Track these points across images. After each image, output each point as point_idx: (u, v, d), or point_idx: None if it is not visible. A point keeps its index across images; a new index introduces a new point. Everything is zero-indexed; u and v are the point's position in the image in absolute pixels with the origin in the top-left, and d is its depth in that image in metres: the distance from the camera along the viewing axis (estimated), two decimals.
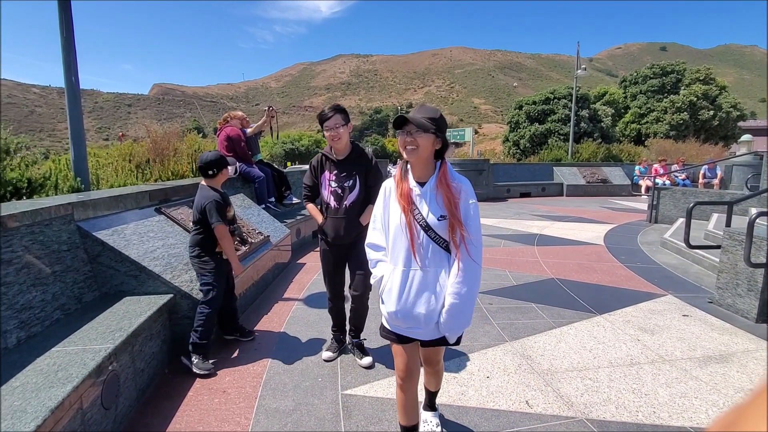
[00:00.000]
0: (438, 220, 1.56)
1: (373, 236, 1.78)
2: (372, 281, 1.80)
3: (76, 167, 3.72)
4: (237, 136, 5.40)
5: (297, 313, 3.74)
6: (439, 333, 1.65)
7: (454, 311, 1.57)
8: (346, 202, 2.63)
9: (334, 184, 2.64)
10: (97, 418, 1.91)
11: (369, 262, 1.80)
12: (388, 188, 1.72)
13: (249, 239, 3.98)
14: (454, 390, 2.47)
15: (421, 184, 1.62)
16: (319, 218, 2.76)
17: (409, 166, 1.65)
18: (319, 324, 3.48)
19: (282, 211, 6.03)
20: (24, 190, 3.48)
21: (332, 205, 2.68)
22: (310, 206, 2.81)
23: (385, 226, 1.71)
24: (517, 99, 29.20)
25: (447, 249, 1.61)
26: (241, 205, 4.80)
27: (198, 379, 2.61)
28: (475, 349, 3.00)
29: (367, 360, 2.77)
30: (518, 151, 25.84)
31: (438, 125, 1.58)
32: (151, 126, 6.83)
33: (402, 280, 1.62)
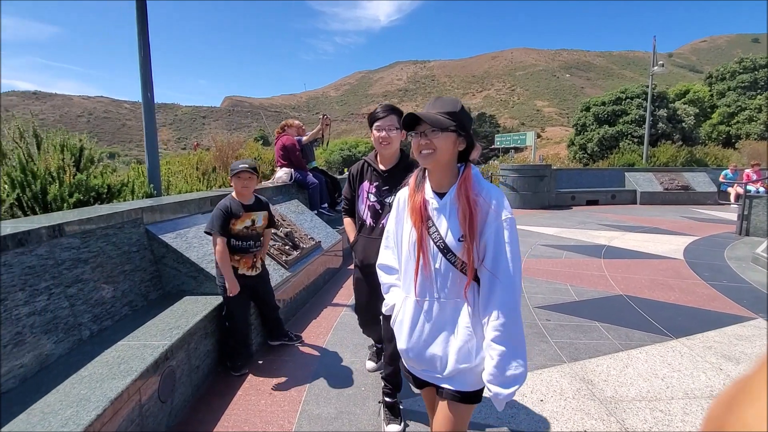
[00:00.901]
0: (458, 241, 1.25)
1: (384, 256, 1.51)
2: (384, 309, 1.51)
3: (150, 175, 4.09)
4: (292, 145, 5.61)
5: (345, 319, 3.76)
6: (462, 384, 1.30)
7: (501, 363, 1.21)
8: (384, 222, 2.14)
9: (372, 198, 2.27)
10: (154, 410, 2.04)
11: (381, 286, 1.54)
12: (402, 199, 1.42)
13: (301, 244, 4.09)
14: (503, 411, 2.32)
15: (441, 195, 1.31)
16: (352, 236, 2.41)
17: (426, 173, 1.37)
18: None
19: (335, 217, 6.15)
20: (104, 195, 3.89)
21: (368, 223, 2.30)
22: (347, 221, 2.48)
23: (398, 244, 1.43)
24: (585, 100, 27.46)
25: (474, 277, 1.28)
26: (295, 211, 4.96)
27: (247, 379, 2.70)
28: (528, 368, 2.80)
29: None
30: (585, 155, 24.26)
31: (459, 120, 1.27)
32: (216, 136, 7.33)
33: (414, 313, 1.33)
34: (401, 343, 1.37)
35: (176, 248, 2.94)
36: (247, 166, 2.75)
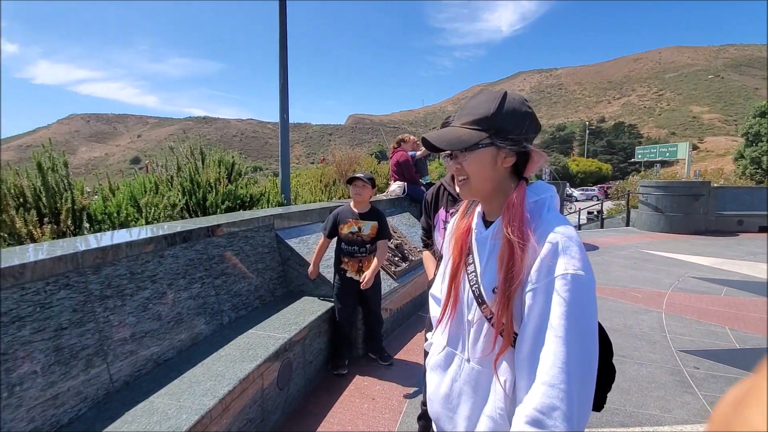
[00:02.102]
0: (492, 291, 0.90)
1: (437, 284, 1.16)
2: (425, 345, 1.24)
3: (282, 186, 4.67)
4: (405, 160, 5.78)
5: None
6: None
7: None
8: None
9: None
10: (273, 395, 2.28)
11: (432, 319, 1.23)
12: (453, 221, 1.11)
13: (410, 256, 4.17)
14: None
15: (489, 223, 0.97)
16: (431, 273, 1.99)
17: None
18: None
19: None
20: (247, 203, 4.58)
21: None
22: (426, 255, 2.09)
23: (442, 274, 1.11)
24: (759, 104, 22.38)
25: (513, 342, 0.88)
26: (406, 224, 5.09)
27: (353, 381, 2.84)
28: (665, 421, 2.36)
29: None
30: (758, 170, 19.71)
31: (497, 126, 0.88)
32: (336, 151, 7.99)
33: (442, 366, 1.01)
34: (428, 389, 1.08)
35: (299, 252, 3.27)
36: (361, 175, 2.96)
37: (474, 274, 0.95)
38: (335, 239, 3.03)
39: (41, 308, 1.60)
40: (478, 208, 1.01)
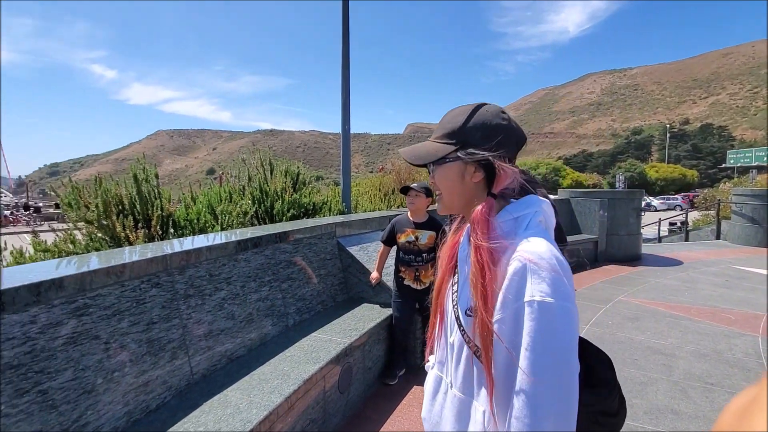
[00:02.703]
0: (466, 314, 0.84)
1: None
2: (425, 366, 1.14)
3: (343, 195, 4.82)
4: None
5: None
6: None
7: None
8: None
9: None
10: (334, 398, 2.35)
11: None
12: (446, 236, 1.04)
13: None
14: None
15: None
16: None
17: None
18: None
19: None
20: (310, 211, 4.79)
21: None
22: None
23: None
24: None
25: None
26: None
27: (411, 390, 2.83)
28: None
29: None
30: None
31: (464, 139, 0.85)
32: (395, 160, 8.06)
33: (432, 390, 0.97)
34: (422, 413, 1.03)
35: (359, 260, 3.35)
36: (415, 185, 2.99)
37: (456, 293, 0.89)
38: (395, 248, 3.07)
39: (137, 304, 1.81)
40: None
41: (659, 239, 12.18)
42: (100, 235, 3.82)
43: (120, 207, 3.86)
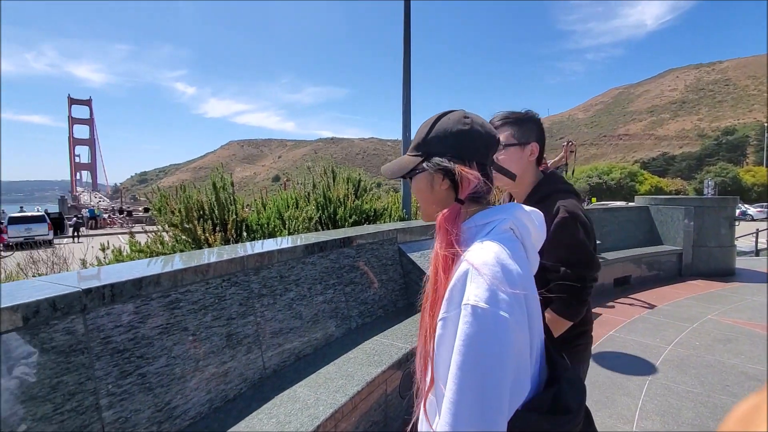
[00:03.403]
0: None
1: None
2: None
3: (404, 201, 4.86)
4: None
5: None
6: None
7: None
8: None
9: None
10: (394, 402, 2.38)
11: None
12: None
13: None
14: None
15: None
16: None
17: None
18: (610, 389, 2.97)
19: None
20: (371, 217, 4.89)
21: None
22: None
23: None
24: None
25: None
26: None
27: None
28: None
29: None
30: None
31: (428, 149, 0.88)
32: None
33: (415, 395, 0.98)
34: None
35: (420, 266, 3.36)
36: None
37: None
38: None
39: (219, 300, 1.98)
40: None
41: (756, 252, 10.74)
42: (183, 237, 4.22)
43: (201, 212, 4.23)
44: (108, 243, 4.29)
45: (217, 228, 4.21)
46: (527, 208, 0.89)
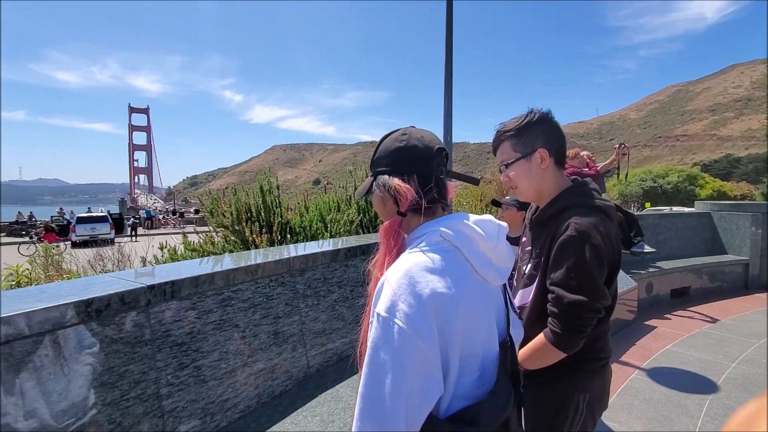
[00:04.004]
0: None
1: None
2: None
3: None
4: (570, 176, 5.24)
5: (636, 383, 3.15)
6: None
7: None
8: (517, 303, 1.38)
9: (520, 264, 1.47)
10: None
11: None
12: None
13: None
14: None
15: None
16: None
17: None
18: (666, 407, 2.79)
19: (629, 259, 5.29)
20: None
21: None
22: None
23: None
24: None
25: None
26: None
27: None
28: None
29: None
30: None
31: (374, 169, 0.93)
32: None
33: None
34: None
35: None
36: (507, 199, 2.87)
37: None
38: None
39: (266, 299, 2.06)
40: None
41: None
42: (233, 238, 4.42)
43: (248, 214, 4.42)
44: (165, 242, 4.58)
45: (264, 230, 4.38)
46: (474, 217, 0.89)
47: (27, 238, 20.13)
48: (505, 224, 0.94)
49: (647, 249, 5.34)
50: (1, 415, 1.21)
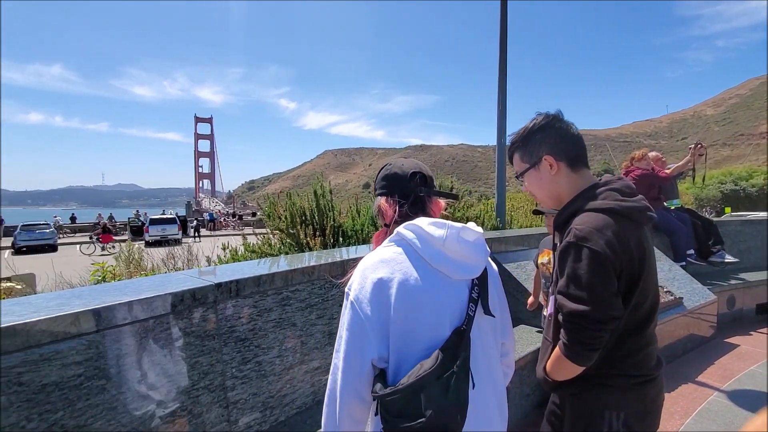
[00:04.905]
0: None
1: None
2: None
3: (497, 210, 4.69)
4: (640, 181, 4.85)
5: (714, 405, 2.86)
6: None
7: None
8: (549, 310, 1.38)
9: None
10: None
11: None
12: None
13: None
14: None
15: None
16: None
17: None
18: None
19: (708, 270, 4.82)
20: None
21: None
22: None
23: None
24: None
25: None
26: None
27: None
28: None
29: None
30: None
31: (375, 192, 1.20)
32: None
33: None
34: None
35: (516, 278, 3.21)
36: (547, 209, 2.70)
37: None
38: None
39: (322, 300, 2.12)
40: None
41: None
42: (288, 240, 4.61)
43: (303, 217, 4.58)
44: (228, 243, 4.88)
45: (317, 233, 4.52)
46: (429, 220, 1.04)
47: (87, 238, 22.36)
48: (471, 226, 1.06)
49: (728, 259, 4.84)
50: (96, 394, 1.34)
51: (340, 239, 4.65)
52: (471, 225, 1.07)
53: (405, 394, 0.87)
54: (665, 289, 3.71)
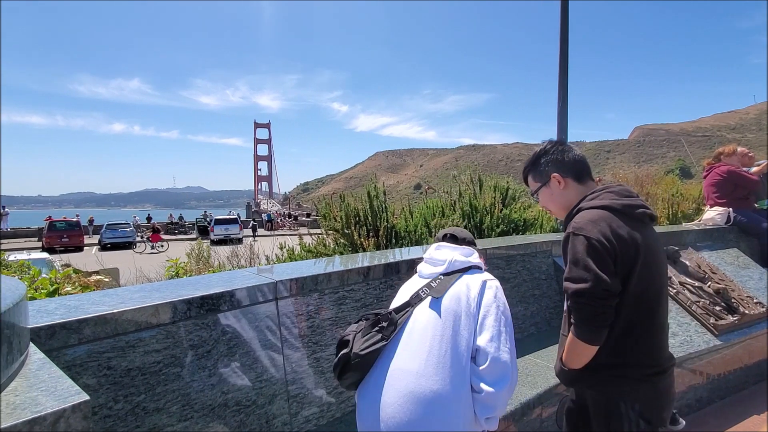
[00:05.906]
0: None
1: None
2: None
3: None
4: (728, 179, 4.37)
5: None
6: None
7: None
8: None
9: None
10: (551, 430, 2.18)
11: None
12: None
13: (740, 308, 3.12)
14: None
15: None
16: None
17: None
18: None
19: None
20: (520, 228, 4.61)
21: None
22: None
23: None
24: None
25: None
26: (733, 263, 3.84)
27: None
28: None
29: None
30: None
31: None
32: (618, 171, 6.91)
33: None
34: None
35: None
36: None
37: None
38: None
39: (377, 300, 2.14)
40: None
41: None
42: (343, 241, 4.71)
43: (357, 219, 4.66)
44: (285, 243, 5.09)
45: (371, 233, 4.57)
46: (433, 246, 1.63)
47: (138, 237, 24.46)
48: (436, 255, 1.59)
49: None
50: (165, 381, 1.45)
51: (393, 240, 4.67)
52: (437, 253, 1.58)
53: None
54: (755, 299, 3.31)
